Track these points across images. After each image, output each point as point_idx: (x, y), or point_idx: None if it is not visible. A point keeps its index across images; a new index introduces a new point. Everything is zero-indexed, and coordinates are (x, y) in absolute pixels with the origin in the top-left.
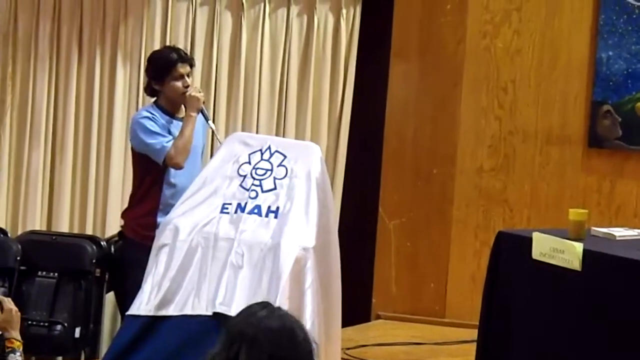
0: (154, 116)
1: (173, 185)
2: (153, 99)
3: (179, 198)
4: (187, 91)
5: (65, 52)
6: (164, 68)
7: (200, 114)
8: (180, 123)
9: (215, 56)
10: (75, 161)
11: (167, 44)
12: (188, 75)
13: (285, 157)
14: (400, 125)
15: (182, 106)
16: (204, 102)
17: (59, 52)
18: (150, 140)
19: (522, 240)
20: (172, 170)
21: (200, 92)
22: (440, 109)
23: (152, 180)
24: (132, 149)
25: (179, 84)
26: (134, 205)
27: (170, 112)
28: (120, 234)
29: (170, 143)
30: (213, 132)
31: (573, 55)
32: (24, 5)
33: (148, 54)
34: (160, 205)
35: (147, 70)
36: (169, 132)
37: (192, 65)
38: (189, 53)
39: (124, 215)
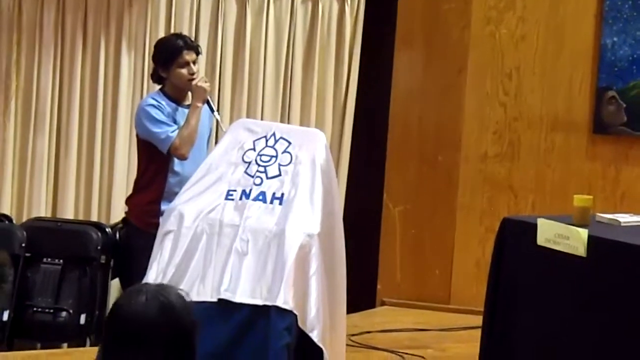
0: (159, 104)
1: (177, 174)
2: (159, 86)
3: (183, 186)
4: (192, 78)
5: (69, 39)
6: (169, 55)
7: (206, 105)
8: (186, 111)
9: (220, 43)
10: (80, 148)
11: (172, 31)
12: (194, 63)
13: (290, 143)
14: (405, 111)
15: (189, 93)
16: (210, 93)
17: (63, 40)
18: (155, 129)
19: (527, 226)
20: (177, 159)
21: (206, 82)
22: (445, 95)
23: (157, 167)
24: (137, 136)
25: (184, 71)
26: (138, 192)
27: (176, 99)
28: (124, 220)
29: (175, 133)
30: (218, 122)
31: (578, 41)
32: None
33: (153, 42)
34: (165, 193)
35: (153, 57)
36: (175, 121)
37: (198, 53)
38: (193, 40)
39: (129, 201)
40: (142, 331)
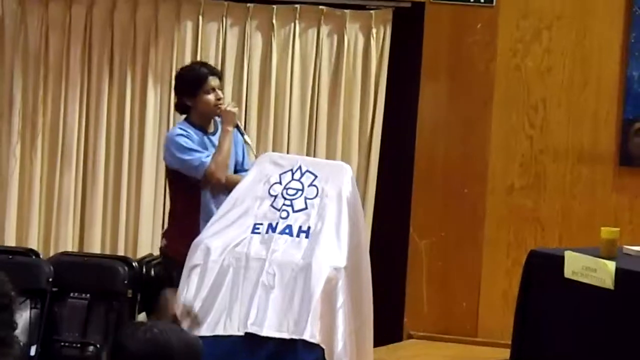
0: (188, 133)
1: (209, 204)
2: (183, 117)
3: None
4: (220, 103)
5: (96, 74)
6: (195, 83)
7: (235, 129)
8: (213, 138)
9: (246, 77)
10: (106, 182)
11: None
12: (219, 88)
13: (316, 176)
14: (430, 144)
15: (212, 122)
16: (239, 117)
17: (89, 74)
18: (187, 157)
19: (554, 258)
20: (212, 184)
21: (235, 106)
22: (471, 128)
23: (189, 198)
24: (166, 167)
25: (211, 97)
26: (174, 225)
27: (203, 127)
28: (161, 254)
29: (209, 158)
30: (249, 145)
31: (604, 73)
32: (55, 27)
33: None
34: (201, 223)
35: (176, 88)
36: (204, 148)
37: (220, 78)
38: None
39: (166, 235)
40: None
